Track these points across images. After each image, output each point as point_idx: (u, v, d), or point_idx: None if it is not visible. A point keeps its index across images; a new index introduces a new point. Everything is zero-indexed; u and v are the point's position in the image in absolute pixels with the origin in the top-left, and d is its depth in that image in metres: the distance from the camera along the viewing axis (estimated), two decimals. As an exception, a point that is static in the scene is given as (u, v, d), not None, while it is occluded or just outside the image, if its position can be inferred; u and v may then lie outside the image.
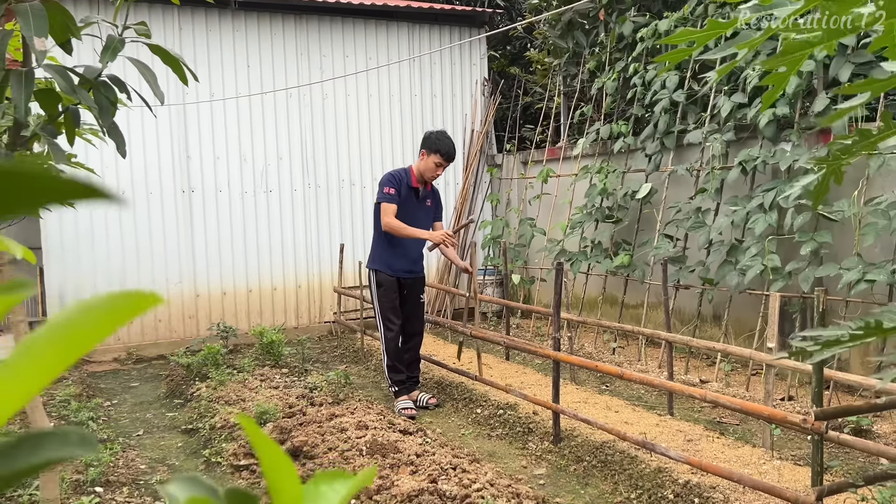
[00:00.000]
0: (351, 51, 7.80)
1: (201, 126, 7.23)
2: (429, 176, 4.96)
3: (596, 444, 4.13)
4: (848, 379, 3.77)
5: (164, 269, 7.11)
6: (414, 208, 4.97)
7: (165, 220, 7.12)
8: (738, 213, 5.30)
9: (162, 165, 7.09)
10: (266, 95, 7.39)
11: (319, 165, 7.73)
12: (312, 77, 7.58)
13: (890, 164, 4.47)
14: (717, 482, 3.47)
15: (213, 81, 7.22)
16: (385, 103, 8.02)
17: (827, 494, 2.75)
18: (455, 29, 8.37)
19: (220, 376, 5.39)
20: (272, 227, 7.54)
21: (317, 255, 7.74)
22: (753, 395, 5.02)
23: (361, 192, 7.93)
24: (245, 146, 7.41)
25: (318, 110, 7.70)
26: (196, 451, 4.44)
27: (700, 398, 3.37)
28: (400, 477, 3.51)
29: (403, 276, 5.06)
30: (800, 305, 5.04)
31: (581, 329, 7.08)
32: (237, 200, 7.39)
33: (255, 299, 7.50)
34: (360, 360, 6.66)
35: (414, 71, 8.15)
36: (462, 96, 8.43)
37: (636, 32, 6.73)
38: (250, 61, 7.38)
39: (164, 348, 7.03)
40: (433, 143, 4.89)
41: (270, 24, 7.45)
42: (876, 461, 3.80)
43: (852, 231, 4.69)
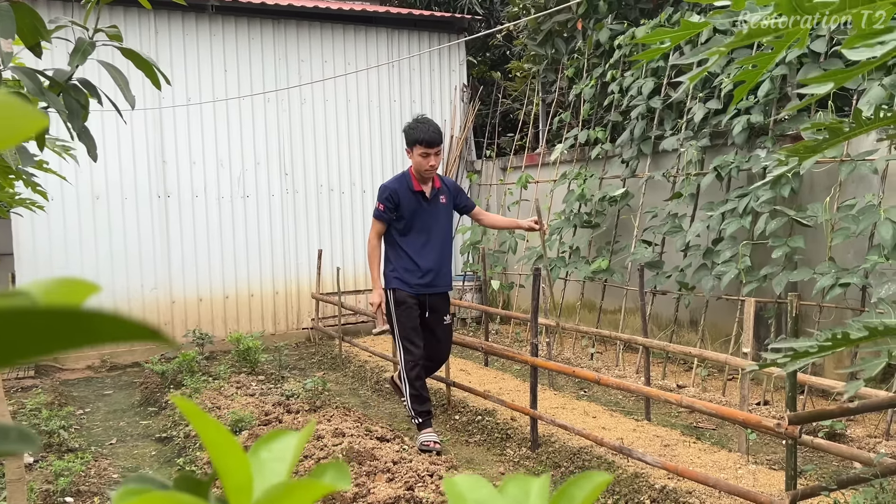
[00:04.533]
0: (330, 56, 7.78)
1: (178, 130, 7.17)
2: (424, 171, 4.34)
3: (573, 449, 4.13)
4: (822, 383, 3.80)
5: (140, 275, 7.02)
6: (425, 214, 4.40)
7: (141, 225, 7.04)
8: (713, 218, 5.35)
9: (137, 170, 7.01)
10: (244, 100, 7.34)
11: (297, 171, 7.69)
12: (291, 82, 7.54)
13: (861, 169, 4.54)
14: (693, 487, 3.48)
15: (189, 86, 7.16)
16: (364, 109, 8.00)
17: (800, 498, 2.77)
18: (434, 35, 8.37)
19: (196, 384, 5.33)
20: (249, 232, 7.48)
21: (295, 261, 7.69)
22: (729, 399, 5.06)
23: (340, 197, 7.90)
24: (222, 151, 7.35)
25: (297, 115, 7.67)
26: (170, 459, 4.38)
27: (676, 403, 3.38)
28: (376, 484, 3.48)
29: (423, 291, 4.42)
30: (775, 310, 5.08)
31: (559, 334, 7.09)
32: (214, 206, 7.33)
33: (231, 306, 7.43)
34: (338, 366, 6.62)
35: (393, 76, 8.14)
36: (441, 102, 8.43)
37: (613, 40, 6.77)
38: (228, 66, 7.33)
39: (139, 355, 6.94)
40: (410, 135, 4.36)
41: (248, 29, 7.41)
42: (849, 465, 3.83)
43: (825, 236, 4.74)
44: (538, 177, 7.72)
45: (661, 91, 6.27)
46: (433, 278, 4.41)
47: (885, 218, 4.21)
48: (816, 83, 1.18)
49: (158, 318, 7.13)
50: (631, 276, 6.30)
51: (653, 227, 6.10)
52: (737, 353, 4.97)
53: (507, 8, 10.00)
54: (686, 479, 3.42)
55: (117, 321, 0.33)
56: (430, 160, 4.30)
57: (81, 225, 6.81)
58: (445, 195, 4.51)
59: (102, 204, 6.89)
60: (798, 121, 5.00)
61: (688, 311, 5.99)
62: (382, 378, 6.04)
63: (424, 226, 4.40)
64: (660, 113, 6.30)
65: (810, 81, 1.15)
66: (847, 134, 1.27)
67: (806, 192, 5.15)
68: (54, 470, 3.75)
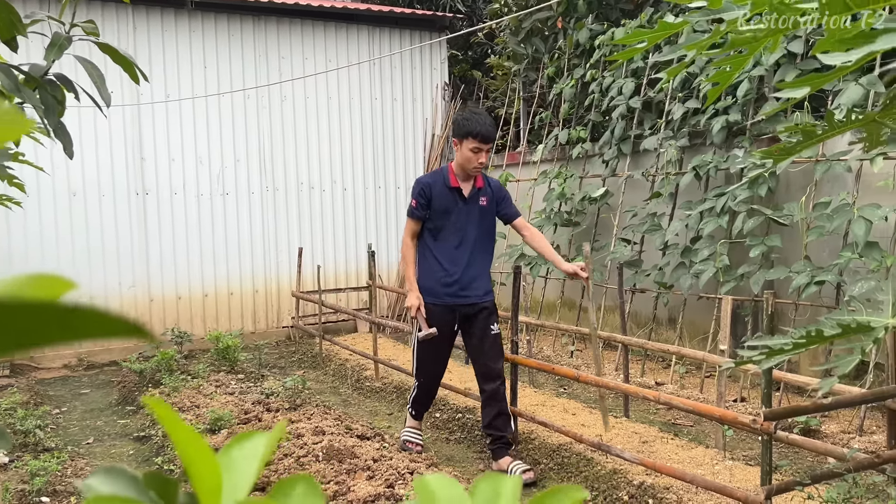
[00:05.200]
0: (310, 53, 7.75)
1: (156, 127, 7.10)
2: (471, 167, 3.87)
3: (553, 446, 4.16)
4: (797, 380, 3.86)
5: (117, 272, 6.96)
6: (461, 215, 3.92)
7: (118, 222, 6.97)
8: (691, 217, 5.40)
9: (115, 167, 6.94)
10: (223, 97, 7.29)
11: (278, 168, 7.66)
12: (271, 79, 7.50)
13: (835, 169, 4.61)
14: (670, 483, 3.52)
15: (168, 82, 7.10)
16: (345, 106, 7.98)
17: (775, 493, 2.81)
18: (416, 33, 8.37)
19: (174, 382, 5.29)
20: (229, 230, 7.43)
21: (275, 259, 7.66)
22: (707, 396, 5.11)
23: (321, 195, 7.87)
24: (201, 148, 7.30)
25: (277, 112, 7.63)
26: (148, 458, 4.35)
27: (654, 400, 3.41)
28: (356, 482, 3.48)
29: (454, 301, 3.92)
30: (751, 308, 5.14)
31: (539, 332, 7.13)
32: (193, 203, 7.27)
33: (210, 304, 7.38)
34: (319, 365, 6.60)
35: (374, 74, 8.13)
36: (423, 100, 8.43)
37: (593, 40, 6.81)
38: (207, 62, 7.27)
39: (117, 354, 6.87)
40: (462, 126, 3.85)
41: (228, 25, 7.36)
42: (823, 460, 3.89)
43: (801, 235, 4.81)
44: (519, 175, 7.74)
45: (641, 91, 6.31)
46: (464, 287, 3.90)
47: (858, 216, 4.28)
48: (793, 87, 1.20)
49: (136, 315, 7.06)
50: (610, 274, 6.35)
51: (632, 226, 6.15)
52: (714, 350, 5.02)
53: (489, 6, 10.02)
54: (664, 475, 3.46)
55: (98, 316, 0.33)
56: (480, 156, 3.83)
57: (58, 222, 6.73)
58: (487, 197, 4.00)
59: (79, 200, 6.81)
60: (775, 121, 5.06)
61: (666, 310, 6.05)
62: (363, 376, 6.04)
63: (458, 227, 3.91)
64: (639, 113, 6.35)
65: (787, 86, 1.17)
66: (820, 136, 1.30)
67: (782, 191, 5.22)
68: (30, 469, 3.71)
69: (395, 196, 8.29)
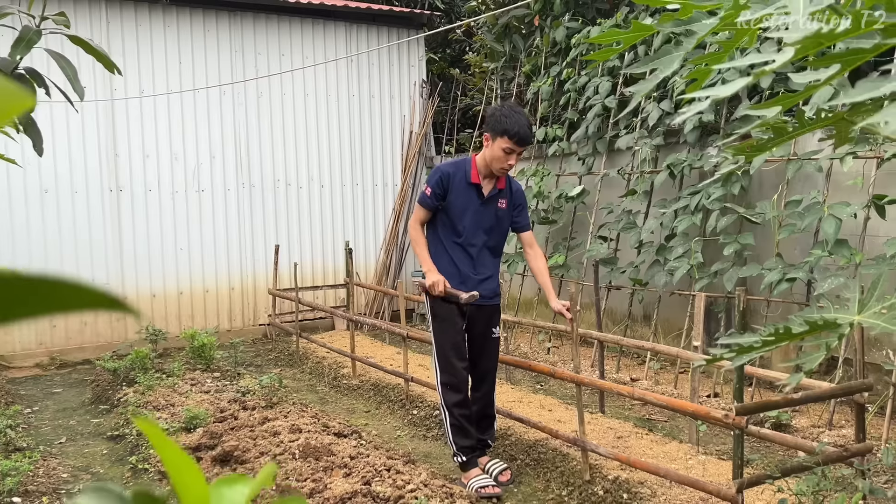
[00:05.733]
0: (287, 49, 7.70)
1: (130, 123, 7.02)
2: (498, 167, 3.63)
3: (529, 442, 4.18)
4: (769, 375, 3.92)
5: (90, 270, 6.87)
6: (477, 214, 3.71)
7: (92, 219, 6.88)
8: (666, 215, 5.46)
9: (88, 163, 6.85)
10: (198, 92, 7.23)
11: (254, 165, 7.60)
12: (247, 75, 7.45)
13: (807, 168, 4.68)
14: (645, 477, 3.56)
15: (142, 77, 7.02)
16: (322, 103, 7.95)
17: (747, 487, 2.86)
18: (393, 30, 8.35)
19: (149, 381, 5.24)
20: (204, 227, 7.37)
21: (251, 256, 7.61)
22: (681, 392, 5.17)
23: (297, 192, 7.84)
24: (176, 144, 7.22)
25: (253, 109, 7.58)
26: (122, 458, 4.31)
27: (629, 396, 3.45)
28: (333, 480, 3.48)
29: None
30: (724, 305, 5.21)
31: (517, 329, 7.16)
32: (167, 200, 7.20)
33: (186, 302, 7.32)
34: (296, 363, 6.58)
35: (352, 71, 8.10)
36: (400, 97, 8.42)
37: (569, 38, 6.85)
38: (182, 57, 7.20)
39: (90, 353, 6.79)
40: (499, 123, 3.56)
41: (203, 20, 7.29)
42: (794, 454, 3.96)
43: (773, 232, 4.88)
44: (496, 173, 7.76)
45: (617, 90, 6.37)
46: (475, 287, 3.72)
47: (828, 214, 4.35)
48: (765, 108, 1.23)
49: (110, 314, 6.97)
50: (586, 271, 6.40)
51: (608, 224, 6.20)
52: (688, 346, 5.09)
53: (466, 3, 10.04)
54: (638, 469, 3.50)
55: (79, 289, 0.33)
56: (511, 158, 3.60)
57: (29, 219, 6.63)
58: (506, 200, 3.79)
59: (52, 197, 6.72)
60: (748, 120, 5.13)
61: (641, 306, 6.11)
62: (340, 374, 6.03)
63: (474, 226, 3.71)
64: (615, 112, 6.40)
65: (760, 107, 1.20)
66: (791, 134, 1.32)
67: (755, 189, 5.29)
68: (1, 469, 3.65)
69: (372, 193, 8.27)
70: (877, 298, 1.40)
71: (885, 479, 3.62)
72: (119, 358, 5.90)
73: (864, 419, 3.35)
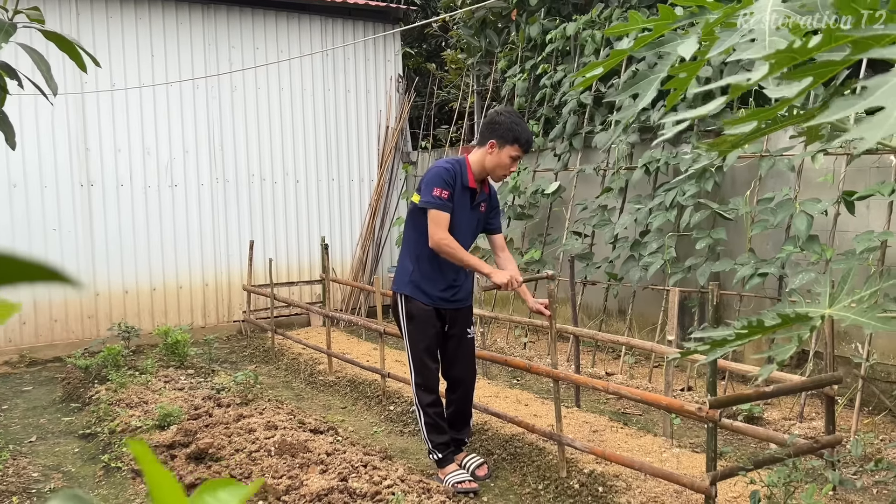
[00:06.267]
0: (262, 43, 7.63)
1: (101, 117, 6.91)
2: (501, 174, 3.64)
3: (506, 437, 4.20)
4: (741, 369, 3.97)
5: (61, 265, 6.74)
6: (465, 217, 3.66)
7: (62, 215, 6.76)
8: (641, 211, 5.51)
9: (58, 157, 6.73)
10: (171, 86, 7.13)
11: (228, 159, 7.53)
12: (221, 68, 7.37)
13: (778, 165, 4.75)
14: (620, 471, 3.59)
15: (114, 71, 6.91)
16: (297, 97, 7.89)
17: (720, 479, 2.89)
18: (369, 24, 8.31)
19: (121, 378, 5.17)
20: (177, 223, 7.29)
21: (225, 252, 7.54)
22: (655, 386, 5.23)
23: (272, 187, 7.77)
24: (149, 138, 7.13)
25: (227, 103, 7.50)
26: (94, 456, 4.25)
27: (604, 390, 3.48)
28: (309, 476, 3.47)
29: (444, 305, 3.73)
30: (698, 300, 5.27)
31: (493, 324, 7.18)
32: (140, 195, 7.11)
33: (159, 298, 7.24)
34: (271, 359, 6.54)
35: (327, 65, 8.05)
36: (376, 92, 8.39)
37: (545, 34, 6.87)
38: (154, 51, 7.10)
39: (61, 350, 6.68)
40: (509, 130, 3.54)
41: (176, 13, 7.19)
42: (766, 446, 4.02)
43: (745, 228, 4.95)
44: (472, 169, 7.77)
45: (592, 87, 6.40)
46: (456, 292, 3.73)
47: (800, 210, 4.42)
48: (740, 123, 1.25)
49: (81, 310, 6.89)
50: (562, 266, 6.43)
51: (583, 220, 6.24)
52: (662, 340, 5.14)
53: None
54: (613, 463, 3.53)
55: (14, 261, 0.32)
56: (514, 165, 3.62)
57: (-3, 214, 6.50)
58: (486, 204, 3.79)
59: (20, 192, 6.59)
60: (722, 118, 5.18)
61: (616, 301, 6.16)
62: (316, 371, 6.00)
63: (460, 230, 3.62)
64: (590, 109, 6.43)
65: (734, 122, 1.21)
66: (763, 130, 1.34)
67: (728, 186, 5.36)
68: (-31, 470, 3.59)
69: (348, 189, 8.24)
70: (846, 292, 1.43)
71: (855, 471, 3.69)
72: (90, 355, 5.82)
73: (833, 411, 3.41)
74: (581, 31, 6.41)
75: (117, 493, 3.75)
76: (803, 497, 2.61)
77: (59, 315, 6.82)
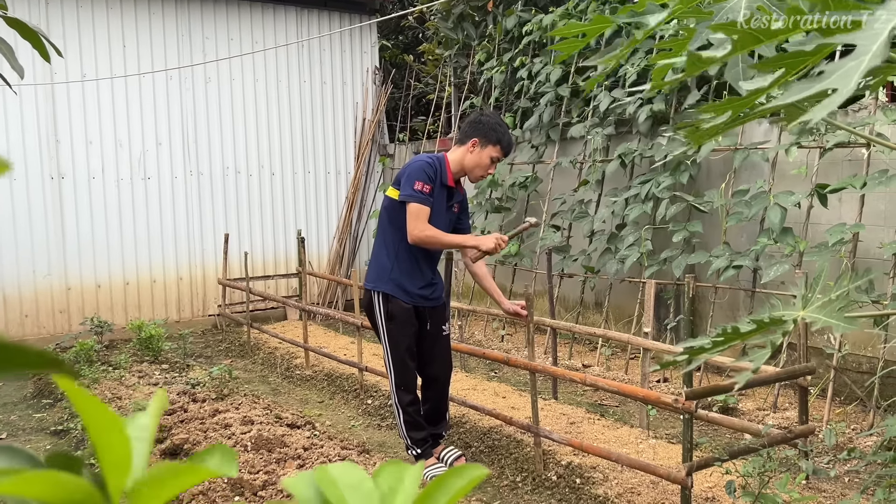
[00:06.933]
0: (236, 34, 7.53)
1: (72, 108, 6.78)
2: (479, 174, 3.65)
3: (484, 429, 4.20)
4: (717, 361, 4.01)
5: (31, 260, 6.63)
6: (441, 216, 3.61)
7: (32, 208, 6.63)
8: (617, 204, 5.53)
9: (27, 149, 6.59)
10: (144, 77, 7.02)
11: (202, 152, 7.43)
12: (195, 59, 7.26)
13: (753, 157, 4.79)
14: (597, 462, 3.61)
15: (84, 61, 6.78)
16: (273, 89, 7.80)
17: (696, 469, 2.92)
18: (345, 15, 8.24)
19: (94, 374, 5.10)
20: (151, 216, 7.18)
21: (200, 245, 7.45)
22: (632, 377, 5.26)
23: (248, 180, 7.69)
24: (121, 130, 7.01)
25: (201, 94, 7.39)
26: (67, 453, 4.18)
27: (581, 382, 3.49)
28: (286, 471, 3.44)
29: (422, 303, 3.68)
30: (674, 292, 5.31)
31: (471, 317, 7.18)
32: (112, 188, 6.99)
33: (132, 292, 7.13)
34: (247, 354, 6.48)
35: (303, 57, 7.97)
36: (353, 84, 8.33)
37: (522, 26, 6.86)
38: (126, 41, 6.98)
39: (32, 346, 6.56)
40: (492, 131, 3.58)
41: (149, 2, 7.07)
42: (741, 436, 4.07)
43: (720, 221, 4.99)
44: (450, 161, 7.75)
45: (569, 79, 6.40)
46: (434, 290, 3.72)
47: (774, 203, 4.47)
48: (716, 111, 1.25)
49: (52, 305, 6.77)
50: (539, 260, 6.44)
51: (561, 213, 6.25)
52: (638, 332, 5.17)
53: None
54: (591, 454, 3.55)
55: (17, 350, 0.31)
56: (493, 168, 3.66)
57: (-36, 207, 6.36)
58: (459, 204, 3.77)
59: (-12, 185, 6.45)
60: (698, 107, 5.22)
61: (593, 294, 6.18)
62: (293, 365, 5.96)
63: (441, 228, 3.59)
64: (567, 101, 6.44)
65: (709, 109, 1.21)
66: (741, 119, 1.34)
67: (703, 179, 5.40)
68: (-64, 469, 3.51)
69: (325, 181, 8.18)
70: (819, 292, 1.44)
71: (828, 460, 3.74)
72: (62, 351, 5.73)
73: (807, 402, 3.45)
74: (557, 22, 6.41)
75: (90, 491, 3.69)
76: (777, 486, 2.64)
77: (29, 310, 6.69)
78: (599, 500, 3.32)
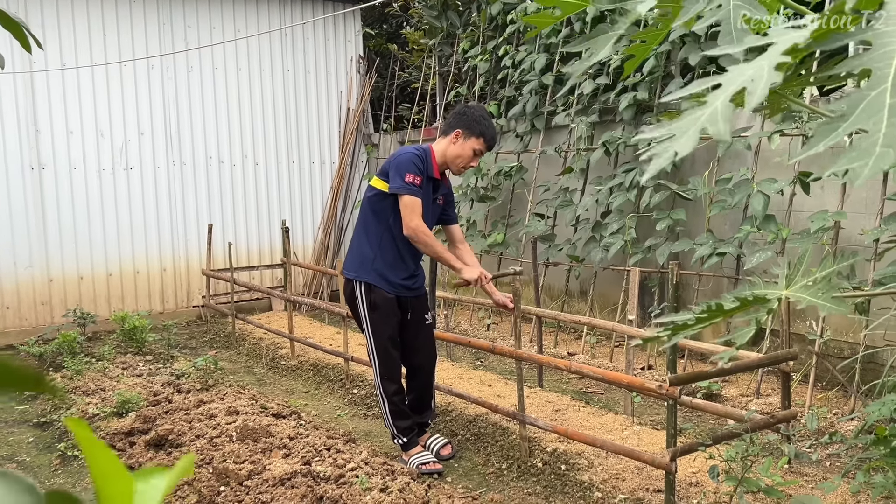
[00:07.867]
0: (218, 22, 7.45)
1: (52, 97, 6.69)
2: (460, 165, 3.64)
3: (470, 417, 4.22)
4: (701, 347, 4.04)
5: (12, 252, 6.56)
6: (427, 207, 3.60)
7: (12, 199, 6.55)
8: (601, 192, 5.54)
9: (7, 140, 6.51)
10: (125, 66, 6.94)
11: (185, 141, 7.36)
12: (176, 47, 7.18)
13: (736, 145, 4.81)
14: (582, 449, 3.63)
15: (64, 49, 6.69)
16: (256, 78, 7.74)
17: (680, 455, 2.94)
18: (328, 3, 8.18)
19: (77, 365, 5.06)
20: (133, 206, 7.12)
21: (183, 236, 7.39)
22: (616, 365, 5.29)
23: (231, 170, 7.64)
24: (102, 120, 6.93)
25: (183, 83, 7.32)
26: (50, 445, 4.15)
27: (566, 370, 3.50)
28: (272, 461, 3.43)
29: (405, 293, 3.69)
30: (658, 280, 5.34)
31: (457, 307, 7.19)
32: (94, 178, 6.92)
33: (115, 284, 7.08)
34: (232, 344, 6.45)
35: (286, 46, 7.90)
36: (337, 73, 8.27)
37: (507, 14, 6.84)
38: (107, 29, 6.89)
39: (13, 338, 6.50)
40: (476, 123, 3.58)
41: (128, -10, 6.98)
42: (724, 422, 4.10)
43: (704, 209, 5.01)
44: (435, 150, 7.73)
45: (554, 67, 6.40)
46: (416, 280, 3.74)
47: (757, 191, 4.49)
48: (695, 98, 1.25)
49: (34, 297, 6.70)
50: (525, 248, 6.45)
51: (545, 201, 6.26)
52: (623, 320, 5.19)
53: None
54: (576, 441, 3.57)
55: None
56: (476, 160, 3.66)
57: (-57, 198, 6.28)
58: (444, 197, 3.78)
59: (-33, 175, 6.36)
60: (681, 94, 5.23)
61: (578, 282, 6.20)
62: (278, 355, 5.94)
63: (427, 220, 3.59)
64: (551, 89, 6.43)
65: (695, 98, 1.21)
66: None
67: (687, 166, 5.42)
68: (-83, 462, 3.48)
69: (309, 171, 8.13)
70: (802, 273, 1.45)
71: (810, 444, 3.79)
72: (45, 342, 5.68)
73: (789, 387, 3.49)
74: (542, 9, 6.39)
75: (74, 482, 3.68)
76: (760, 470, 2.67)
77: (10, 302, 6.62)
78: (584, 486, 3.34)
